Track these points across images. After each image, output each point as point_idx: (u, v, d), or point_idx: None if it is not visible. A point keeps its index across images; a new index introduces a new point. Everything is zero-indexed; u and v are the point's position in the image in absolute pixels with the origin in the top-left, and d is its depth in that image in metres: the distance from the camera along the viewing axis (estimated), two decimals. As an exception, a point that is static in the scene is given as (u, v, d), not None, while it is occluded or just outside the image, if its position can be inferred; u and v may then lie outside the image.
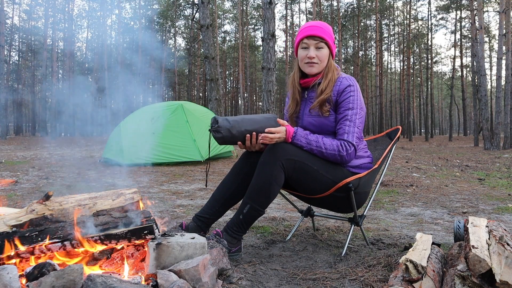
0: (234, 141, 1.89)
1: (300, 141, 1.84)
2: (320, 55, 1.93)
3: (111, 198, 1.60)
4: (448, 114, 30.42)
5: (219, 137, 1.85)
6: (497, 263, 1.27)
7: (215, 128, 1.85)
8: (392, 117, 45.30)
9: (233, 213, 2.84)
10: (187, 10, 36.28)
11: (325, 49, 1.93)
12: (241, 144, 1.89)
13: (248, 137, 1.87)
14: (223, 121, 1.86)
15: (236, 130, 1.85)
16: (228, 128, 1.84)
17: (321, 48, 1.92)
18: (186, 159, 7.21)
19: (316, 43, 1.91)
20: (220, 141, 1.87)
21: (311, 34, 1.91)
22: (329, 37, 1.94)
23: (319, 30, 1.91)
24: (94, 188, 4.32)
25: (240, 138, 1.87)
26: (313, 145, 1.84)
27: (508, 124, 13.63)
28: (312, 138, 1.85)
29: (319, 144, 1.84)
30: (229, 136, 1.85)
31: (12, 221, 1.39)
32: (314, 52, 1.92)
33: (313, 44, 1.92)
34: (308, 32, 1.92)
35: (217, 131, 1.84)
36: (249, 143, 1.88)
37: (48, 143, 17.15)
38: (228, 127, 1.84)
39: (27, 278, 1.23)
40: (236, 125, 1.86)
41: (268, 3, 9.14)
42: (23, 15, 37.04)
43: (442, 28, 63.50)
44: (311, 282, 1.61)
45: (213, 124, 1.86)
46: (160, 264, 1.39)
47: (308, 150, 1.85)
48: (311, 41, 1.92)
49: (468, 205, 3.41)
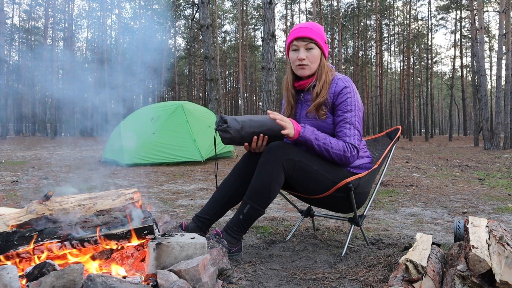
0: (241, 142, 1.85)
1: (309, 134, 1.81)
2: (310, 56, 1.91)
3: (111, 198, 1.60)
4: (448, 114, 30.42)
5: (227, 137, 1.80)
6: (497, 263, 1.27)
7: (224, 128, 1.79)
8: (392, 117, 45.30)
9: (233, 213, 2.84)
10: (187, 10, 36.27)
11: (315, 49, 1.91)
12: (247, 145, 1.88)
13: (255, 139, 1.86)
14: (232, 121, 1.80)
15: (245, 131, 1.81)
16: (237, 129, 1.79)
17: (311, 49, 1.91)
18: (186, 159, 7.21)
19: (306, 44, 1.90)
20: (227, 141, 1.82)
21: (300, 36, 1.89)
22: (319, 37, 1.91)
23: (308, 31, 1.90)
24: (94, 188, 4.32)
25: (248, 140, 1.85)
26: (321, 141, 1.82)
27: (508, 124, 13.63)
28: (320, 135, 1.84)
29: (327, 142, 1.82)
30: (238, 137, 1.81)
31: (12, 221, 1.39)
32: (304, 53, 1.90)
33: (303, 45, 1.90)
34: (297, 34, 1.91)
35: (225, 131, 1.79)
36: (255, 145, 1.88)
37: (48, 143, 17.14)
38: (237, 127, 1.79)
39: (27, 278, 1.23)
40: (246, 126, 1.81)
41: (268, 3, 9.14)
42: (23, 15, 37.05)
43: (442, 28, 63.55)
44: (311, 282, 1.61)
45: (221, 124, 1.80)
46: (160, 264, 1.39)
47: (316, 146, 1.82)
48: (300, 43, 1.90)
49: (468, 205, 3.41)
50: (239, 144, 1.87)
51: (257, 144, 1.88)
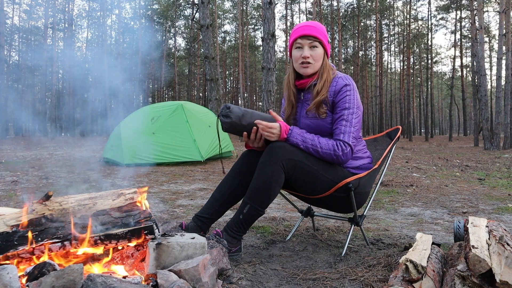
0: (240, 131, 1.85)
1: (296, 138, 1.82)
2: (314, 54, 1.91)
3: (111, 198, 1.60)
4: (448, 114, 30.41)
5: (227, 122, 1.80)
6: (497, 263, 1.27)
7: (225, 113, 1.80)
8: (392, 117, 45.29)
9: (233, 213, 2.84)
10: (187, 10, 36.30)
11: (319, 48, 1.91)
12: (246, 135, 1.87)
13: (255, 130, 1.85)
14: (235, 108, 1.82)
15: (246, 120, 1.82)
16: (239, 116, 1.80)
17: (316, 47, 1.91)
18: (186, 159, 7.21)
19: (310, 42, 1.90)
20: (227, 126, 1.81)
21: (305, 34, 1.89)
22: (323, 36, 1.92)
23: (313, 29, 1.90)
24: (94, 188, 4.32)
25: (247, 129, 1.84)
26: (308, 143, 1.82)
27: (508, 124, 13.62)
28: (308, 137, 1.84)
29: (315, 143, 1.82)
30: (237, 124, 1.81)
31: (12, 221, 1.39)
32: (309, 51, 1.90)
33: (307, 43, 1.90)
34: (302, 32, 1.90)
35: (227, 116, 1.79)
36: (254, 137, 1.86)
37: (48, 143, 17.15)
38: (239, 114, 1.80)
39: (27, 278, 1.23)
40: (247, 114, 1.82)
41: (268, 3, 9.14)
42: (23, 15, 37.04)
43: (442, 28, 63.56)
44: (311, 282, 1.61)
45: (223, 109, 1.81)
46: (160, 264, 1.39)
47: (304, 148, 1.83)
48: (304, 41, 1.90)
49: (468, 205, 3.41)
50: (238, 132, 1.86)
51: (256, 136, 1.86)
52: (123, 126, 7.70)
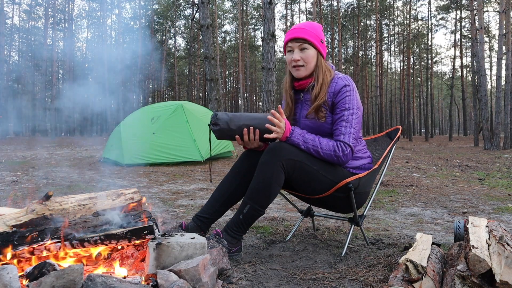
0: (232, 135, 1.88)
1: (297, 138, 1.83)
2: (305, 56, 1.90)
3: (111, 198, 1.60)
4: (448, 114, 30.41)
5: (217, 130, 1.85)
6: (497, 263, 1.27)
7: (214, 121, 1.85)
8: (392, 117, 45.29)
9: (233, 213, 2.84)
10: (187, 10, 36.31)
11: (310, 50, 1.90)
12: (239, 139, 1.88)
13: (246, 132, 1.86)
14: (222, 114, 1.86)
15: (234, 123, 1.85)
16: (226, 121, 1.84)
17: (306, 49, 1.90)
18: (186, 159, 7.21)
19: (300, 44, 1.90)
20: (218, 134, 1.86)
21: (294, 37, 1.90)
22: (313, 37, 1.90)
23: (301, 31, 1.90)
24: (94, 188, 4.32)
25: (237, 132, 1.86)
26: (309, 143, 1.83)
27: (508, 124, 13.63)
28: (309, 137, 1.84)
29: (316, 143, 1.83)
30: (226, 129, 1.85)
31: (12, 221, 1.39)
32: (299, 54, 1.90)
33: (297, 46, 1.90)
34: (291, 35, 1.91)
35: (215, 124, 1.84)
36: (247, 138, 1.87)
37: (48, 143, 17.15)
38: (226, 120, 1.84)
39: (27, 278, 1.23)
40: (235, 118, 1.86)
41: (268, 3, 9.14)
42: (23, 15, 37.05)
43: (442, 28, 63.59)
44: (311, 282, 1.61)
45: (212, 117, 1.86)
46: (160, 264, 1.39)
47: (305, 148, 1.83)
48: (294, 44, 1.91)
49: (468, 205, 3.41)
50: (230, 137, 1.89)
51: (249, 138, 1.87)
52: (123, 126, 7.70)
